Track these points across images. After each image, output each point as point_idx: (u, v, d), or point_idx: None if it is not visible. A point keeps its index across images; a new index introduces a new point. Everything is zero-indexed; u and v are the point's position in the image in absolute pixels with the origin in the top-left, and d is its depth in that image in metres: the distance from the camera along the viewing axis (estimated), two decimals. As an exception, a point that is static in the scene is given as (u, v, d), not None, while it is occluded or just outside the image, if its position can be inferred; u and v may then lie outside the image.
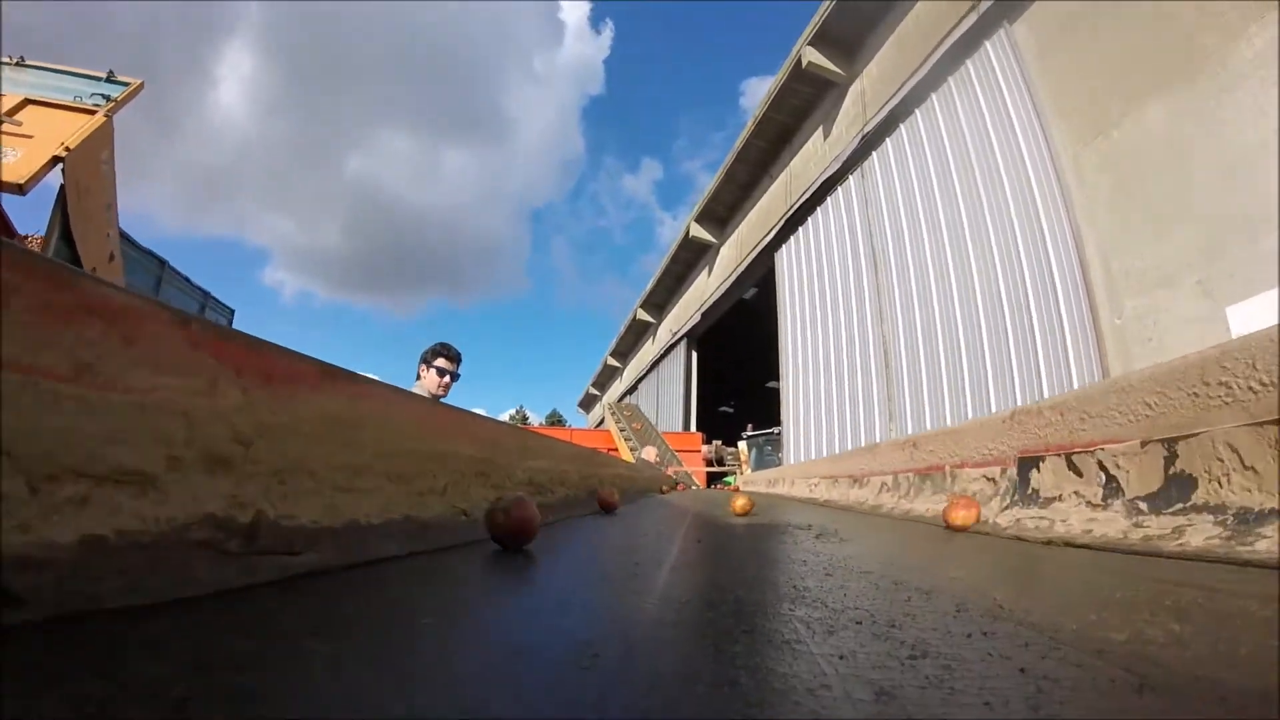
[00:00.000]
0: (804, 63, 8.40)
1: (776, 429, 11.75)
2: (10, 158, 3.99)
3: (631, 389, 21.40)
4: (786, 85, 9.13)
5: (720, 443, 14.44)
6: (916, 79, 6.85)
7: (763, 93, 9.97)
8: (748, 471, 12.04)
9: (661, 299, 17.61)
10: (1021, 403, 5.11)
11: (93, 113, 4.52)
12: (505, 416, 34.56)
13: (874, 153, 7.91)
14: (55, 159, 4.06)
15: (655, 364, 18.22)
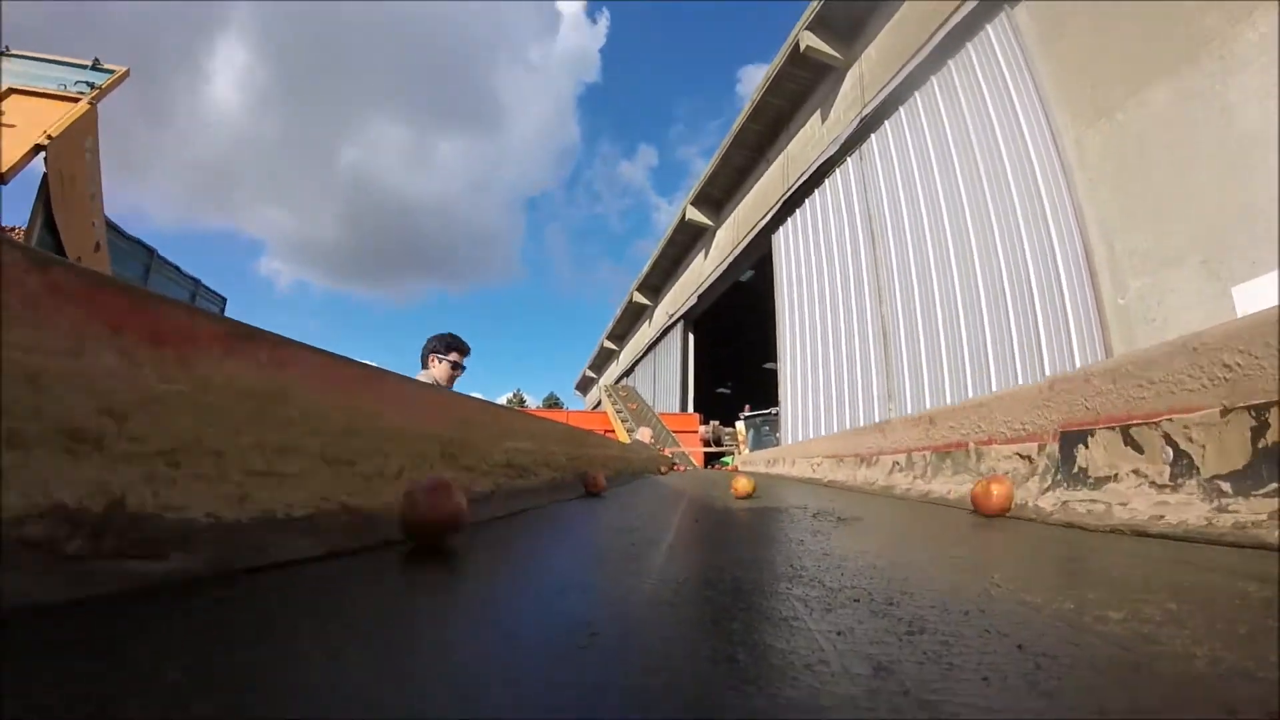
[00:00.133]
0: (802, 47, 8.25)
1: (774, 409, 11.77)
2: (-9, 146, 3.87)
3: (628, 371, 21.39)
4: (784, 70, 8.99)
5: (718, 423, 14.45)
6: (916, 62, 6.74)
7: (759, 79, 9.81)
8: (746, 451, 12.07)
9: (658, 282, 17.51)
10: (1024, 382, 5.12)
11: (76, 100, 4.39)
12: (503, 400, 34.57)
13: (872, 135, 7.81)
14: (38, 147, 3.95)
15: (652, 346, 18.18)
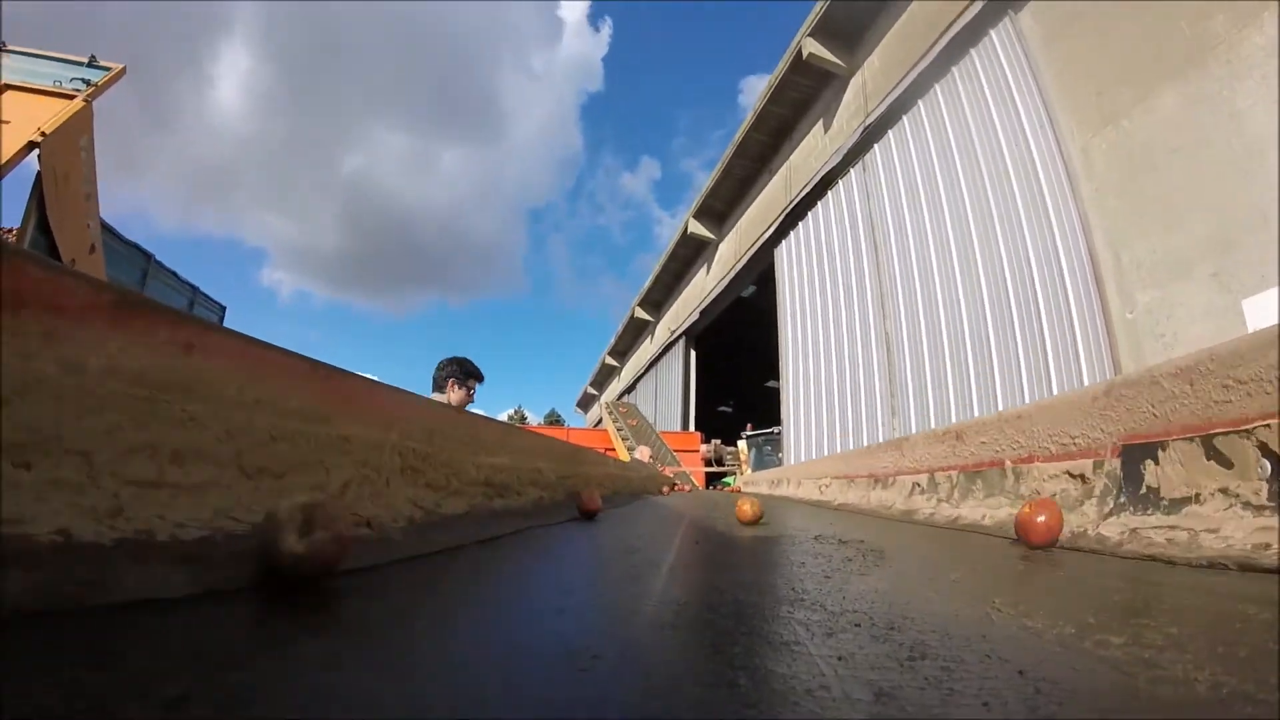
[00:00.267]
0: (804, 54, 8.26)
1: (776, 429, 11.61)
2: (-18, 143, 3.84)
3: (630, 388, 21.26)
4: (786, 78, 8.99)
5: (719, 442, 14.28)
6: (919, 69, 6.72)
7: (761, 89, 9.84)
8: (748, 471, 11.89)
9: (659, 297, 17.46)
10: (1032, 399, 4.99)
11: (72, 97, 4.37)
12: (504, 416, 34.35)
13: (876, 145, 7.77)
14: (31, 144, 3.91)
15: (653, 363, 18.08)
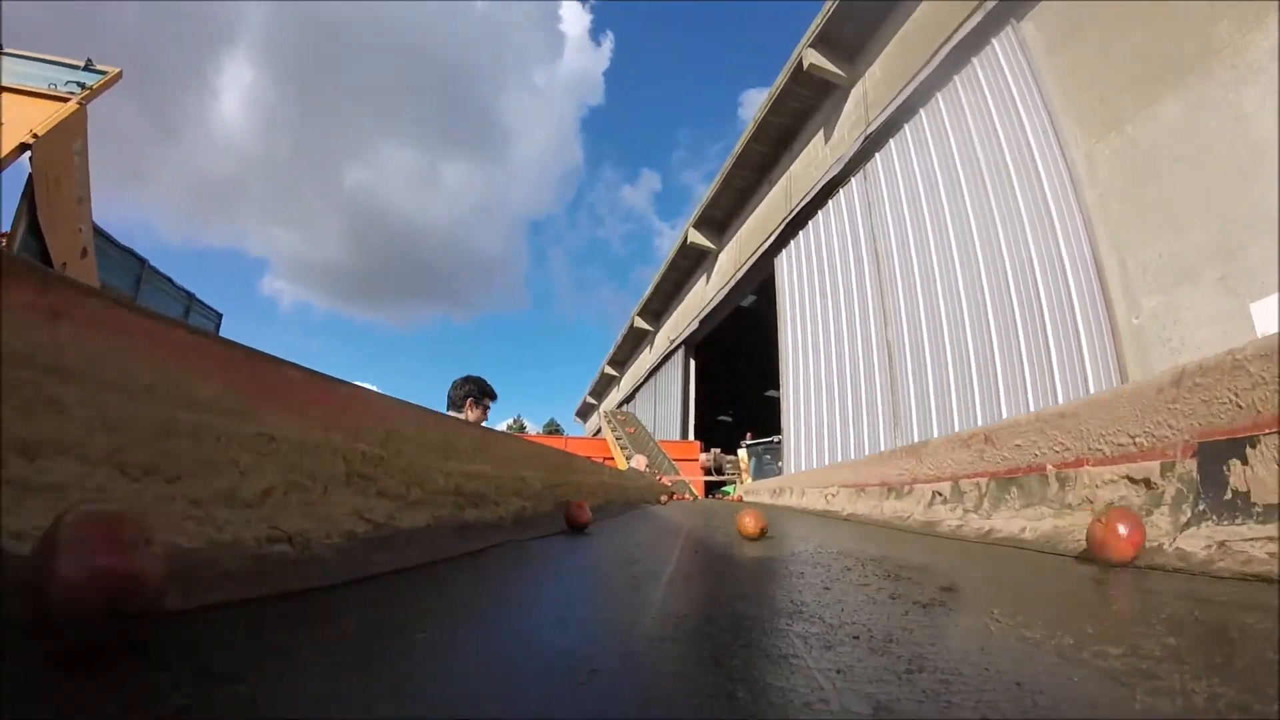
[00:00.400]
0: (805, 65, 8.26)
1: (776, 438, 11.51)
2: (-27, 146, 3.79)
3: (629, 398, 21.17)
4: (787, 88, 8.99)
5: (719, 450, 14.16)
6: (920, 79, 6.70)
7: (761, 101, 9.84)
8: (748, 480, 11.77)
9: (659, 306, 17.42)
10: (1037, 407, 4.91)
11: (66, 100, 4.33)
12: (503, 426, 34.17)
13: (877, 154, 7.75)
14: (22, 146, 3.87)
15: (653, 372, 18.00)
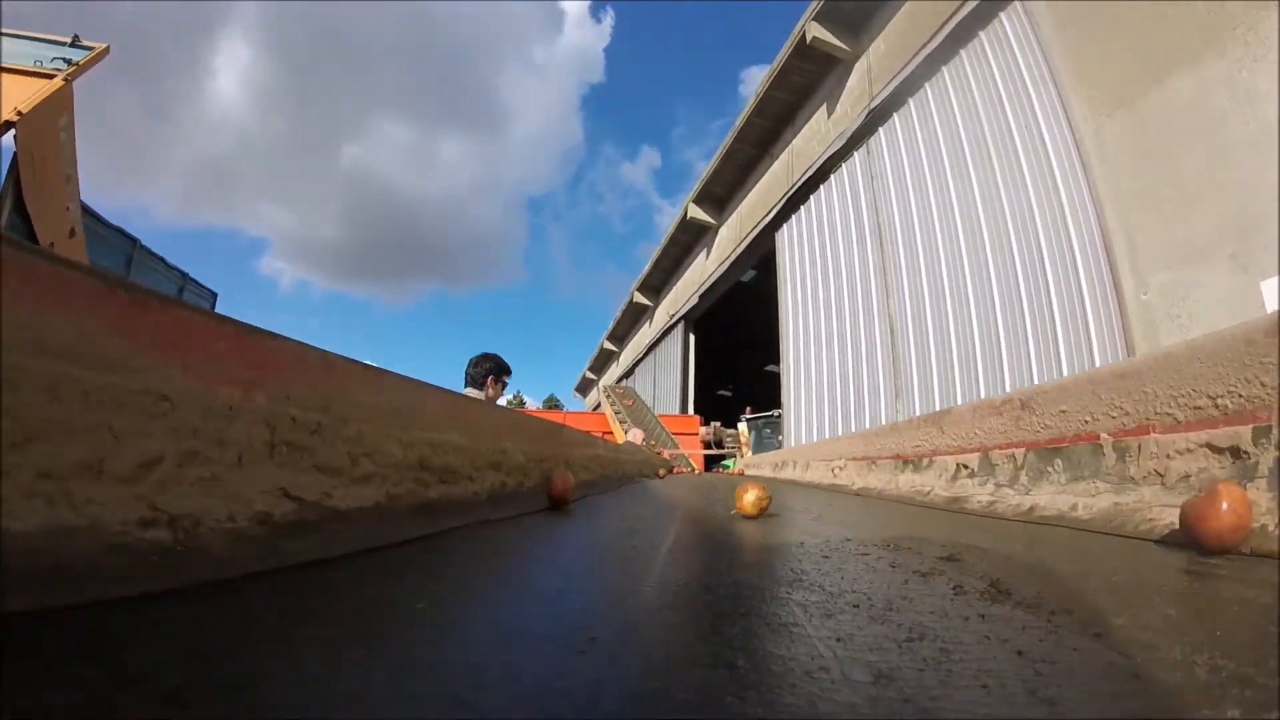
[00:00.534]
0: (808, 38, 8.05)
1: (776, 412, 11.54)
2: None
3: (628, 373, 21.18)
4: (789, 63, 8.79)
5: (719, 424, 14.19)
6: (926, 53, 6.55)
7: (763, 77, 9.62)
8: (748, 454, 11.83)
9: (659, 282, 17.31)
10: (1041, 382, 4.90)
11: (52, 77, 4.20)
12: (503, 401, 33.93)
13: (880, 129, 7.61)
14: (7, 124, 3.75)
15: (652, 347, 17.97)
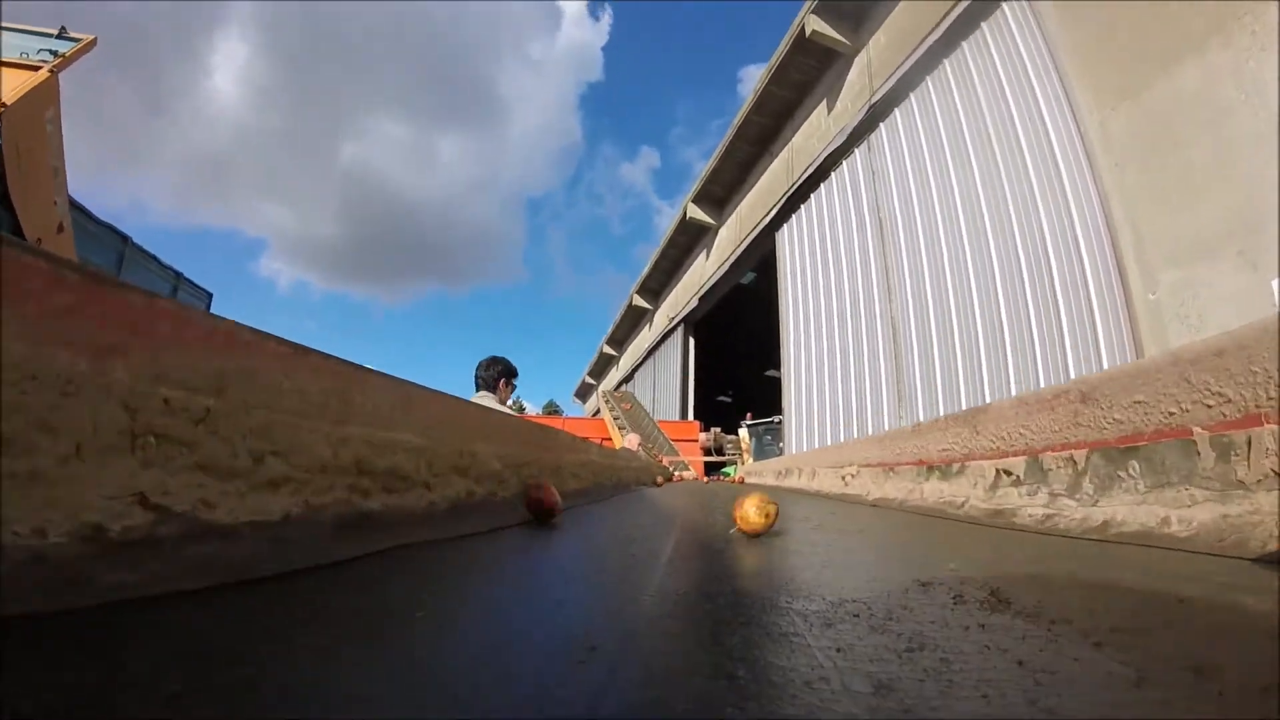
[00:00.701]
0: (807, 32, 7.98)
1: (776, 418, 11.42)
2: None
3: (628, 378, 21.08)
4: (788, 58, 8.72)
5: (719, 430, 14.07)
6: (927, 45, 6.46)
7: (761, 73, 9.55)
8: (749, 461, 11.70)
9: (658, 284, 17.23)
10: (1048, 384, 4.79)
11: (37, 69, 4.14)
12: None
13: (881, 124, 7.53)
14: (-11, 116, 3.68)
15: (652, 351, 17.88)
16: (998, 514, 1.71)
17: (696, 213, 12.86)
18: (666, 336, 16.32)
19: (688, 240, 14.41)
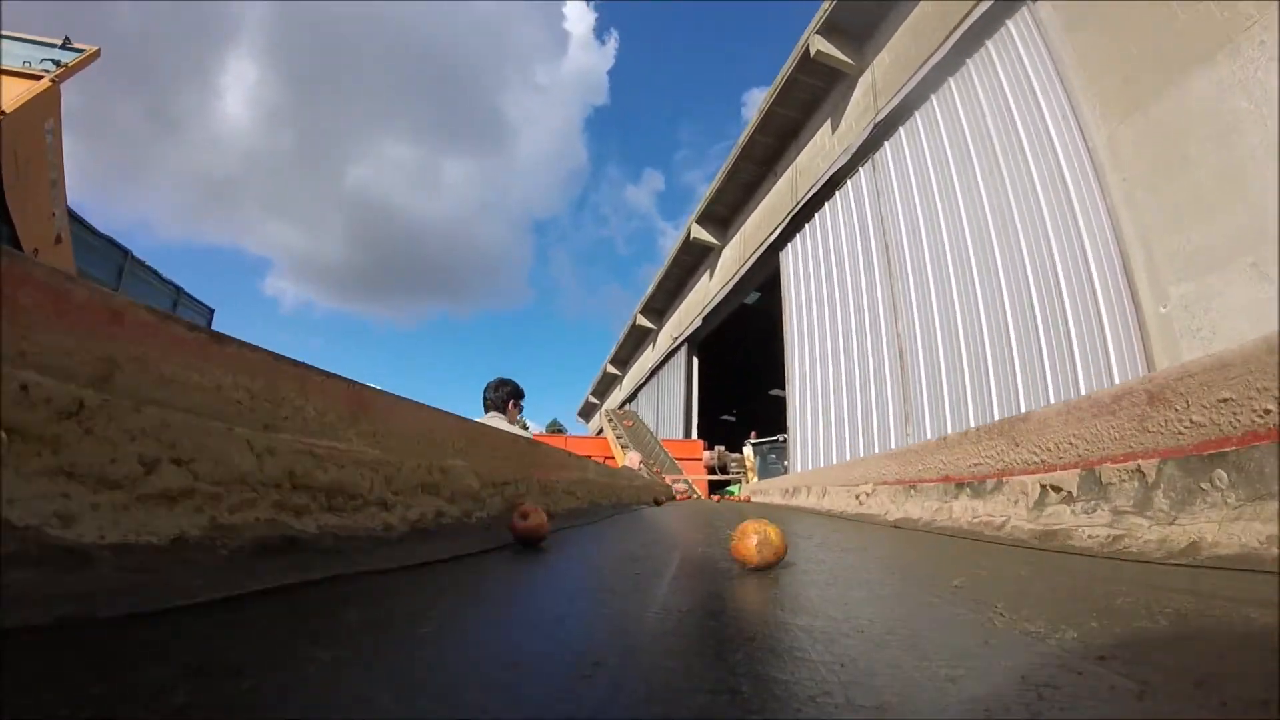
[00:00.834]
0: (812, 52, 8.02)
1: (781, 437, 11.28)
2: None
3: (631, 397, 20.96)
4: (793, 77, 8.76)
5: (723, 448, 13.90)
6: (931, 64, 6.47)
7: (766, 93, 9.61)
8: (754, 480, 11.52)
9: (662, 304, 17.20)
10: (1058, 400, 4.67)
11: (39, 78, 4.15)
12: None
13: (886, 143, 7.51)
14: (-11, 124, 3.68)
15: (655, 371, 17.78)
16: (1049, 535, 1.51)
17: (700, 233, 12.86)
18: (670, 356, 16.24)
19: (692, 260, 14.41)
